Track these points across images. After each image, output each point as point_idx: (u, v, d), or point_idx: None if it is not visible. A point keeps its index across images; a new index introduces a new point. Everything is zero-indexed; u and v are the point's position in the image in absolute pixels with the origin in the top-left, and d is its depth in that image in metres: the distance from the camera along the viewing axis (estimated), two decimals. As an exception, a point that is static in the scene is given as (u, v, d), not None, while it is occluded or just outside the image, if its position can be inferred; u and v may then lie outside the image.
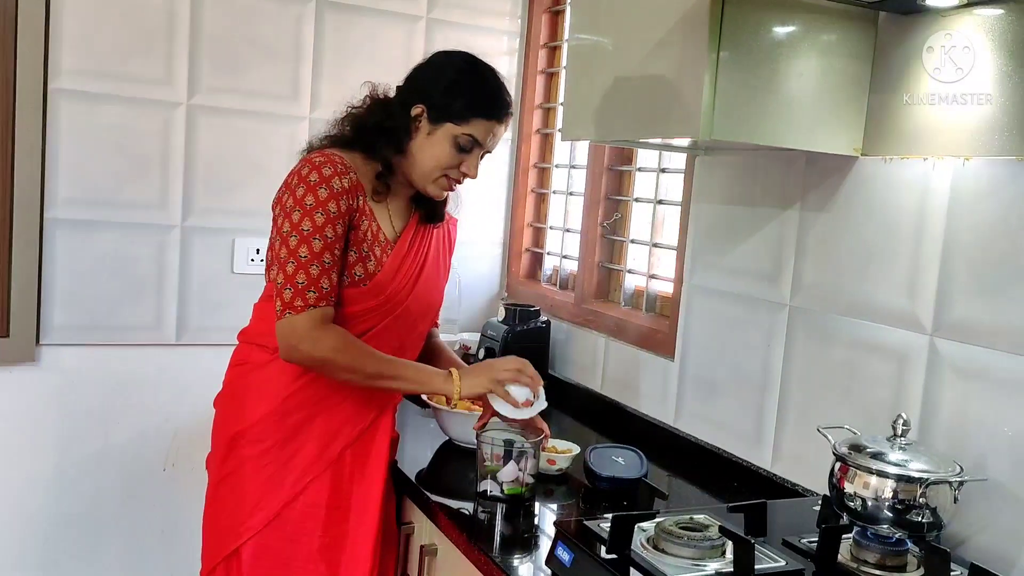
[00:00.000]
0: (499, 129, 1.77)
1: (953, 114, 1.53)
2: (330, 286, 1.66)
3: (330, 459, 1.74)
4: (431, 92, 1.74)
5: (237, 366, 1.83)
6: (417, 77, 1.80)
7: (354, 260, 1.72)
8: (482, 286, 2.96)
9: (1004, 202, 1.45)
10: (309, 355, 1.65)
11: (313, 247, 1.64)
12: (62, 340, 2.41)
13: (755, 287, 1.95)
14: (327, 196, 1.65)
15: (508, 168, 2.97)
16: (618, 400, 2.38)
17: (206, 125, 2.49)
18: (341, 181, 1.67)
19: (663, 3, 1.62)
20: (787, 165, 1.87)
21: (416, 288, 1.80)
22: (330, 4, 2.59)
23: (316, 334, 1.64)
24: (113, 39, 2.37)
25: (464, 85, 1.74)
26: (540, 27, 2.88)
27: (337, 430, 1.75)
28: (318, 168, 1.67)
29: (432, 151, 1.74)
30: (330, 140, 1.79)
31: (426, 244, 1.85)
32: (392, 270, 1.76)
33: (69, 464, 2.46)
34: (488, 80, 1.78)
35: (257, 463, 1.73)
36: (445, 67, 1.78)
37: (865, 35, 1.64)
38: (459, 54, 1.82)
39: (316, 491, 1.73)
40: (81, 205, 2.39)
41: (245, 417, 1.75)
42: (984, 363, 1.47)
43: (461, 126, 1.72)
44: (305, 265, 1.63)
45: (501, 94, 1.78)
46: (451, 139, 1.73)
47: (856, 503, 1.42)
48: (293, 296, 1.63)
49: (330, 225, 1.65)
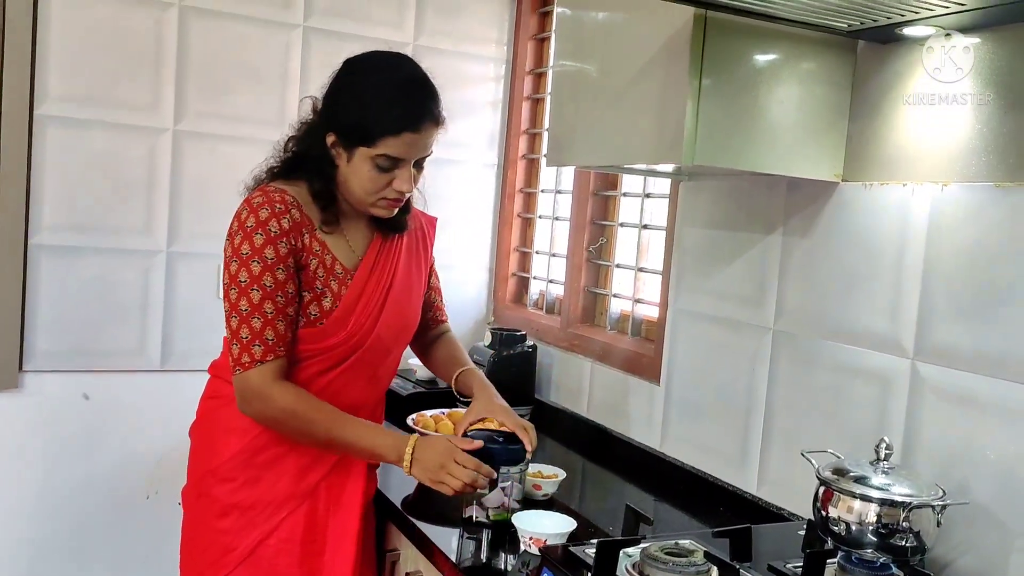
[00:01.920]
0: (419, 139, 1.62)
1: (931, 140, 1.55)
2: (276, 337, 1.59)
3: (304, 493, 1.71)
4: (337, 117, 1.63)
5: (209, 399, 1.80)
6: (326, 98, 1.68)
7: (308, 300, 1.66)
8: (469, 311, 2.97)
9: (982, 227, 1.47)
10: (262, 413, 1.62)
11: (252, 299, 1.58)
12: (45, 366, 2.39)
13: (739, 311, 1.96)
14: (263, 242, 1.58)
15: (494, 193, 2.98)
16: (604, 424, 2.38)
17: (192, 150, 2.50)
18: (279, 223, 1.60)
19: (646, 31, 1.64)
20: (770, 190, 1.88)
21: (383, 315, 1.73)
22: (317, 31, 2.61)
23: (266, 391, 1.59)
24: (100, 65, 2.38)
25: (367, 105, 1.60)
26: (526, 54, 2.91)
27: (310, 464, 1.71)
28: (255, 211, 1.60)
29: (357, 178, 1.64)
30: (271, 174, 1.71)
31: (393, 261, 1.76)
32: (351, 302, 1.69)
33: (52, 491, 2.44)
34: (393, 93, 1.61)
35: (229, 501, 1.69)
36: (347, 86, 1.65)
37: (844, 63, 1.67)
38: (361, 64, 1.67)
39: (291, 526, 1.69)
40: (66, 231, 2.38)
41: (216, 454, 1.71)
42: (965, 387, 1.48)
43: (373, 148, 1.60)
44: (247, 319, 1.58)
45: (411, 104, 1.61)
46: (369, 162, 1.61)
47: (840, 527, 1.42)
48: (240, 352, 1.59)
49: (268, 273, 1.58)
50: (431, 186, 2.83)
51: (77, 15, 2.34)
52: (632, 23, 1.71)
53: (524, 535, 1.60)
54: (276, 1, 2.57)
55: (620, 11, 1.75)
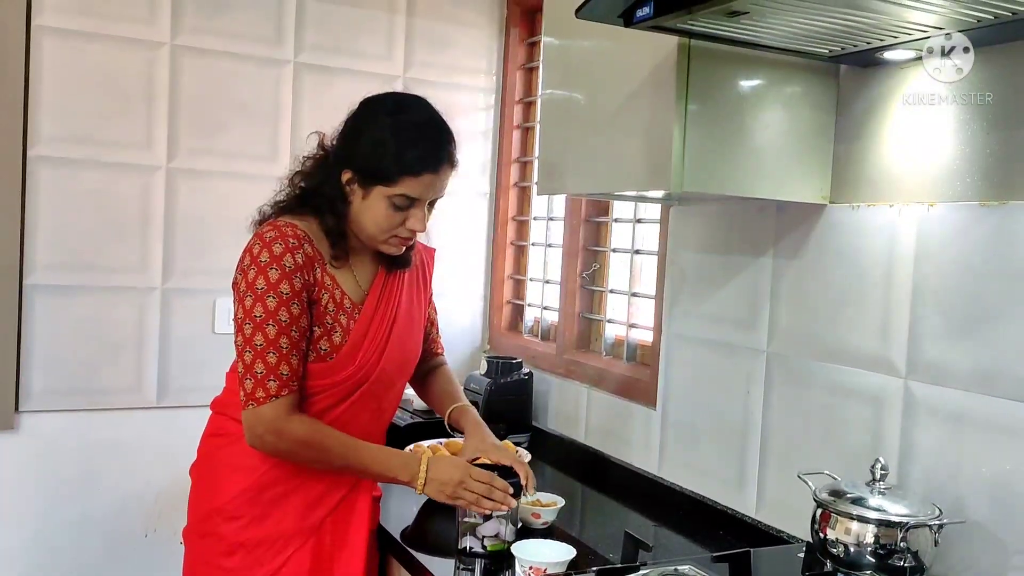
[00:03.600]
0: (436, 180, 1.65)
1: (915, 161, 1.57)
2: (290, 371, 1.60)
3: (310, 529, 1.70)
4: (355, 155, 1.64)
5: (212, 437, 1.79)
6: (344, 136, 1.69)
7: (319, 335, 1.66)
8: (464, 339, 2.97)
9: (969, 246, 1.49)
10: (274, 447, 1.63)
11: (268, 334, 1.58)
12: (41, 406, 2.39)
13: (732, 334, 1.97)
14: (278, 277, 1.59)
15: (487, 221, 3.00)
16: (602, 450, 2.38)
17: (186, 187, 2.51)
18: (294, 257, 1.60)
19: (632, 59, 1.67)
20: (759, 214, 1.90)
21: (388, 348, 1.74)
22: (307, 66, 2.64)
23: (280, 426, 1.60)
24: (92, 105, 2.40)
25: (388, 144, 1.62)
26: (515, 83, 2.93)
27: (316, 500, 1.71)
28: (268, 246, 1.60)
29: (371, 215, 1.65)
30: (279, 208, 1.71)
31: (397, 293, 1.78)
32: (360, 336, 1.70)
33: (50, 531, 2.42)
34: (414, 134, 1.64)
35: (234, 540, 1.69)
36: (367, 125, 1.66)
37: (827, 87, 1.69)
38: (382, 104, 1.69)
39: (297, 563, 1.68)
40: (60, 270, 2.39)
41: (221, 493, 1.71)
42: (958, 405, 1.49)
43: (392, 187, 1.62)
44: (262, 353, 1.58)
45: (431, 146, 1.64)
46: (386, 200, 1.63)
47: (839, 549, 1.43)
48: (254, 387, 1.59)
49: (284, 308, 1.59)
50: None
51: (69, 56, 2.36)
52: (618, 51, 1.73)
53: (524, 564, 1.60)
54: (267, 38, 2.59)
55: (606, 40, 1.77)
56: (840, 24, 1.35)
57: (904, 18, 1.30)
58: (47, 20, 2.34)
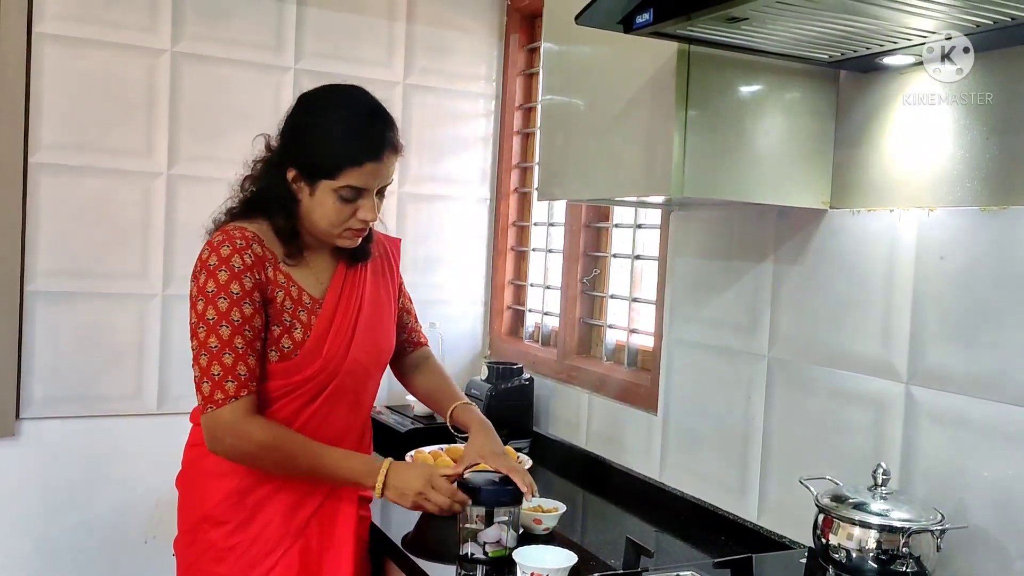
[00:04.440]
0: (381, 168, 1.64)
1: (915, 166, 1.57)
2: (248, 372, 1.60)
3: (297, 531, 1.71)
4: (297, 153, 1.65)
5: (193, 447, 1.79)
6: (284, 135, 1.70)
7: (279, 333, 1.66)
8: (464, 344, 2.97)
9: (969, 250, 1.49)
10: (235, 450, 1.63)
11: (221, 335, 1.58)
12: (42, 413, 2.39)
13: (733, 339, 1.96)
14: (227, 278, 1.59)
15: (487, 227, 3.00)
16: (603, 455, 2.38)
17: (186, 193, 2.52)
18: (242, 258, 1.61)
19: (631, 65, 1.67)
20: (759, 219, 1.90)
21: (356, 340, 1.73)
22: (308, 73, 2.64)
23: (239, 428, 1.60)
24: (93, 112, 2.40)
25: (328, 138, 1.62)
26: (515, 89, 2.94)
27: (300, 501, 1.71)
28: (216, 249, 1.61)
29: (321, 210, 1.65)
30: (230, 214, 1.72)
31: (360, 287, 1.77)
32: (323, 330, 1.69)
33: (50, 538, 2.42)
34: (352, 124, 1.63)
35: (223, 546, 1.69)
36: (304, 121, 1.67)
37: (827, 92, 1.69)
38: (317, 99, 1.69)
39: (285, 566, 1.69)
40: (61, 277, 2.39)
41: (206, 500, 1.72)
42: (960, 410, 1.49)
43: (337, 180, 1.61)
44: (218, 355, 1.58)
45: (371, 134, 1.63)
46: (333, 194, 1.63)
47: (841, 555, 1.42)
48: (212, 389, 1.59)
49: (236, 308, 1.59)
50: (425, 221, 2.89)
51: (70, 63, 2.37)
52: (618, 57, 1.73)
53: (525, 570, 1.59)
54: (267, 45, 2.60)
55: (606, 46, 1.77)
56: (839, 30, 1.36)
57: (903, 23, 1.30)
58: (48, 27, 2.34)
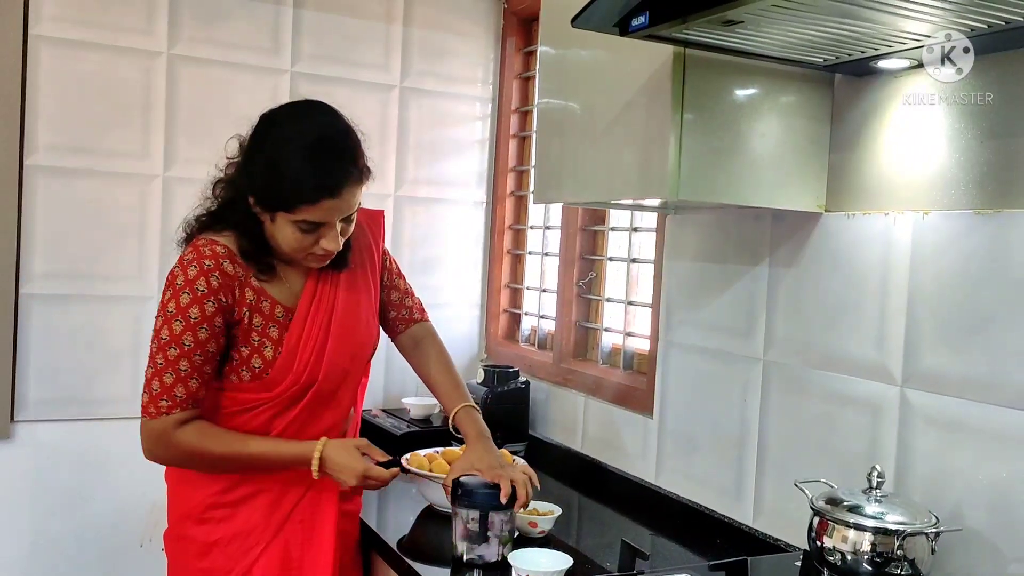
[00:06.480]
0: (339, 203, 1.57)
1: (910, 170, 1.58)
2: (186, 394, 1.60)
3: (277, 526, 1.72)
4: (253, 182, 1.59)
5: None
6: (244, 157, 1.65)
7: (247, 354, 1.65)
8: (461, 348, 2.97)
9: (963, 254, 1.49)
10: (164, 459, 1.66)
11: (168, 355, 1.58)
12: (37, 416, 2.39)
13: (729, 342, 1.97)
14: (189, 301, 1.58)
15: (484, 230, 3.00)
16: (599, 459, 2.38)
17: (182, 196, 2.50)
18: (208, 281, 1.58)
19: (627, 68, 1.67)
20: (755, 222, 1.90)
21: (330, 344, 1.71)
22: (305, 76, 2.64)
23: (169, 439, 1.60)
24: (89, 115, 2.40)
25: (280, 171, 1.55)
26: (511, 93, 2.94)
27: (281, 496, 1.72)
28: (184, 269, 1.59)
29: (283, 236, 1.60)
30: (200, 224, 1.68)
31: (334, 287, 1.74)
32: (294, 343, 1.67)
33: (45, 542, 2.41)
34: (307, 155, 1.55)
35: (207, 541, 1.71)
36: (260, 147, 1.61)
37: (822, 96, 1.70)
38: (273, 123, 1.63)
39: (267, 562, 1.70)
40: (57, 279, 2.39)
41: (190, 496, 1.73)
42: (955, 413, 1.49)
43: (293, 214, 1.56)
44: (160, 372, 1.59)
45: (326, 169, 1.55)
46: (292, 225, 1.58)
47: (835, 558, 1.43)
48: (148, 401, 1.60)
49: (189, 332, 1.58)
50: (422, 224, 2.89)
51: (66, 65, 2.37)
52: (614, 61, 1.74)
53: (520, 573, 1.59)
54: (264, 48, 2.60)
55: (602, 49, 1.78)
56: (835, 33, 1.36)
57: (899, 27, 1.30)
58: (44, 30, 2.34)
